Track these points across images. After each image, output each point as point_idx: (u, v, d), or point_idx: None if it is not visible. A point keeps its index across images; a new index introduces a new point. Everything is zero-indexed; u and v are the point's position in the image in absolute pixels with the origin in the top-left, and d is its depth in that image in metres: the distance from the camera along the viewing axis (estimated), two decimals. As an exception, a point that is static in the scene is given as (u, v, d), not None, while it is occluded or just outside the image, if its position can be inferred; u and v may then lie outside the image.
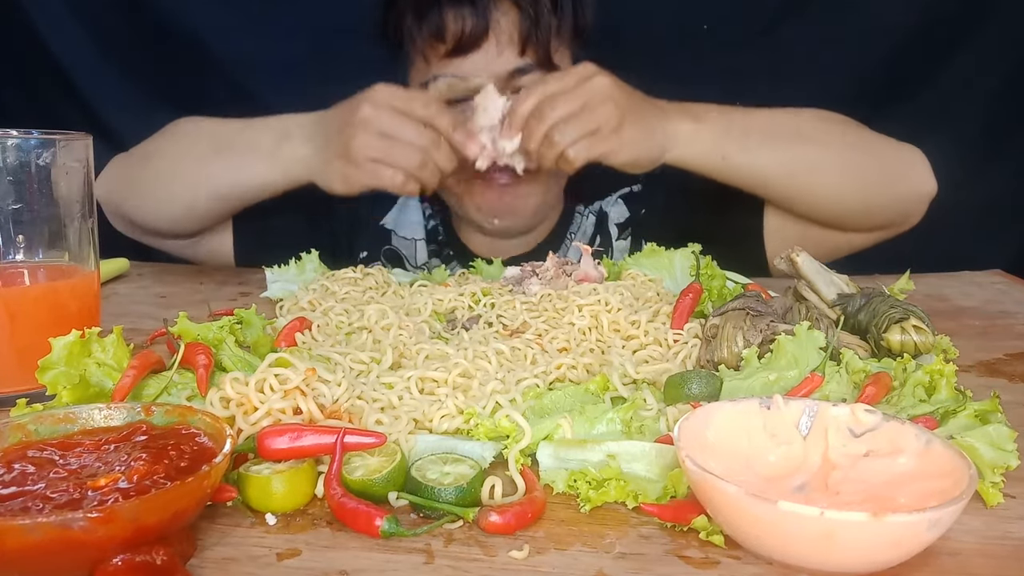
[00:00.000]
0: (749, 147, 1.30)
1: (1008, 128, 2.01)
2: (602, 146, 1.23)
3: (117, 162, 1.48)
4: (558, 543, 0.61)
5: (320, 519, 0.64)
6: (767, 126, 1.34)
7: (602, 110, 1.22)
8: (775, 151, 1.33)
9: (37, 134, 0.86)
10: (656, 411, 0.78)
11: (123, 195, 1.46)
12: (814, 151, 1.34)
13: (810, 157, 1.34)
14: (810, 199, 1.36)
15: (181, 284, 1.42)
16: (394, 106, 1.23)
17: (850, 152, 1.37)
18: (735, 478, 0.57)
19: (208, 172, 1.38)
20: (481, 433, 0.72)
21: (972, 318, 1.22)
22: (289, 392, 0.74)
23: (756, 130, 1.32)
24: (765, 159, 1.32)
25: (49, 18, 2.06)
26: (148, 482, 0.57)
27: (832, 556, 0.55)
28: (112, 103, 2.11)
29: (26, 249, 0.88)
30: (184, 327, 0.90)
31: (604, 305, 1.01)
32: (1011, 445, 0.67)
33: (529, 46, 1.38)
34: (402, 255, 1.64)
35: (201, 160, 1.38)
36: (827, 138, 1.36)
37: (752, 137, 1.31)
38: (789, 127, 1.36)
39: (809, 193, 1.35)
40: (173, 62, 2.08)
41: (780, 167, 1.33)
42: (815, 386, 0.77)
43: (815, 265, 1.01)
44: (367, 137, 1.22)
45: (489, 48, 1.37)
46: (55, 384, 0.77)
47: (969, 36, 1.96)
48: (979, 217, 1.91)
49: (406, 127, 1.23)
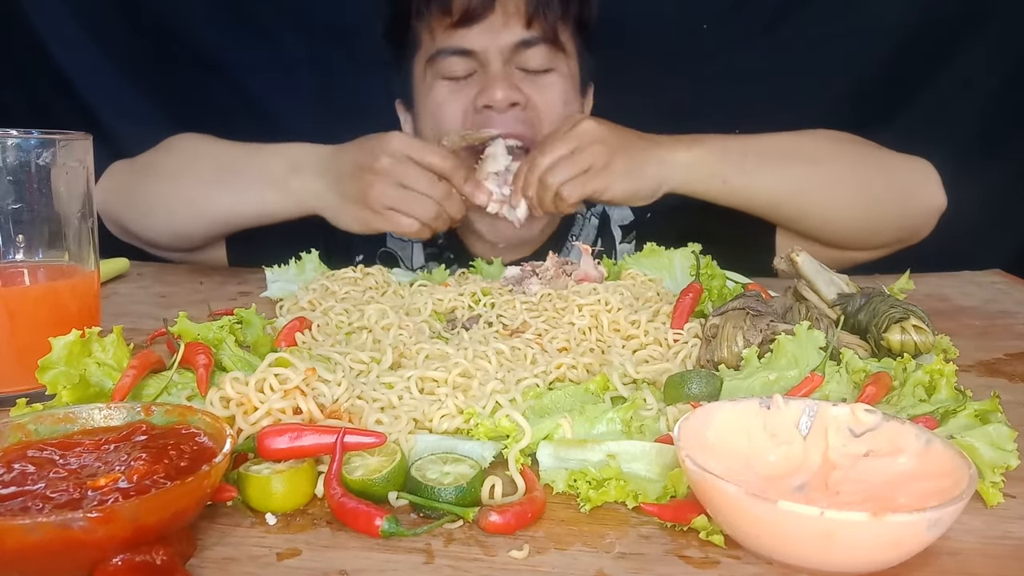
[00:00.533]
0: (747, 169, 1.32)
1: (1008, 128, 2.01)
2: (594, 183, 1.28)
3: (115, 171, 1.49)
4: (558, 543, 0.61)
5: (320, 519, 0.64)
6: (765, 148, 1.36)
7: (591, 150, 1.28)
8: (775, 172, 1.34)
9: (37, 134, 0.86)
10: (656, 411, 0.78)
11: (120, 207, 1.47)
12: (817, 170, 1.35)
13: (813, 176, 1.35)
14: (816, 218, 1.36)
15: (181, 284, 1.42)
16: (411, 157, 1.29)
17: (856, 169, 1.37)
18: (735, 478, 0.57)
19: (212, 197, 1.39)
20: (481, 433, 0.72)
21: (972, 318, 1.22)
22: (289, 392, 0.74)
23: (754, 152, 1.34)
24: (765, 180, 1.33)
25: (49, 19, 2.06)
26: (148, 482, 0.57)
27: (832, 556, 0.55)
28: (111, 104, 2.11)
29: (26, 249, 0.88)
30: (184, 327, 0.90)
31: (604, 305, 1.01)
32: (1011, 445, 0.67)
33: (536, 20, 1.39)
34: (398, 256, 1.64)
35: (203, 183, 1.40)
36: (830, 156, 1.37)
37: (750, 159, 1.33)
38: (788, 148, 1.37)
39: (815, 212, 1.36)
40: (173, 63, 2.08)
41: (782, 187, 1.34)
42: (815, 386, 0.77)
43: (815, 265, 1.01)
44: (385, 187, 1.28)
45: (495, 20, 1.38)
46: (55, 384, 0.77)
47: (969, 36, 1.95)
48: (979, 217, 1.91)
49: (422, 179, 1.29)
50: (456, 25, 1.39)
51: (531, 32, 1.39)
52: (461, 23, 1.38)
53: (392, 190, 1.28)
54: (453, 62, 1.40)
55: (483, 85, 1.39)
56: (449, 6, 1.38)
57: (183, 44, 2.07)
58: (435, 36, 1.42)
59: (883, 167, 1.40)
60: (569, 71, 1.47)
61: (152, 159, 1.47)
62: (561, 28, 1.43)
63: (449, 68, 1.41)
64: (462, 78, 1.42)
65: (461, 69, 1.41)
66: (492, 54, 1.39)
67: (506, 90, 1.37)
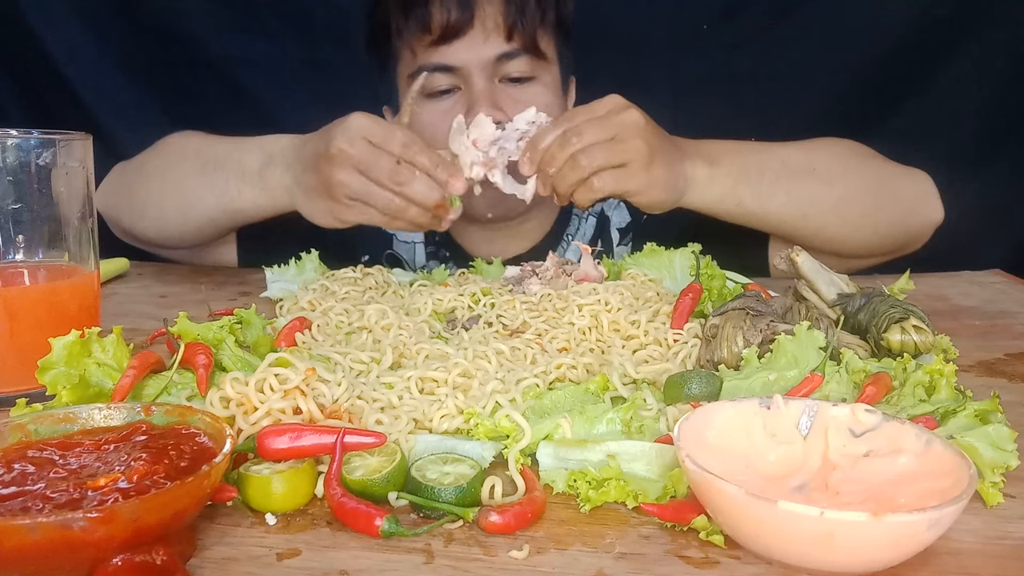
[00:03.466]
0: (762, 192, 1.29)
1: (1007, 128, 2.01)
2: (631, 182, 1.17)
3: (116, 173, 1.49)
4: (558, 543, 0.61)
5: (320, 519, 0.64)
6: (782, 166, 1.32)
7: (634, 144, 1.16)
8: (790, 193, 1.31)
9: (37, 134, 0.86)
10: (656, 411, 0.78)
11: (120, 209, 1.47)
12: (830, 192, 1.34)
13: (824, 197, 1.33)
14: (822, 237, 1.35)
15: (181, 284, 1.42)
16: (369, 140, 1.15)
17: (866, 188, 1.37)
18: (735, 478, 0.57)
19: (196, 194, 1.37)
20: (481, 433, 0.72)
21: (972, 318, 1.22)
22: (289, 392, 0.74)
23: (771, 171, 1.30)
24: (779, 202, 1.31)
25: (48, 19, 2.06)
26: (148, 482, 0.57)
27: (832, 556, 0.55)
28: (111, 104, 2.11)
29: (26, 249, 0.88)
30: (184, 327, 0.90)
31: (604, 305, 1.01)
32: (1011, 445, 0.67)
33: (515, 32, 1.38)
34: (403, 259, 1.64)
35: (188, 180, 1.37)
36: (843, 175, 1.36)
37: (766, 178, 1.29)
38: (804, 164, 1.34)
39: (821, 232, 1.35)
40: (172, 63, 2.09)
41: (795, 209, 1.32)
42: (815, 386, 0.77)
43: (815, 265, 1.01)
44: (344, 174, 1.15)
45: (475, 35, 1.37)
46: (55, 384, 0.77)
47: (968, 36, 1.95)
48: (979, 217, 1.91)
49: (381, 164, 1.15)
50: (437, 42, 1.37)
51: (512, 44, 1.38)
52: (442, 40, 1.37)
53: (352, 178, 1.15)
54: (436, 78, 1.38)
55: (467, 104, 1.37)
56: (428, 24, 1.36)
57: (183, 45, 2.07)
58: (416, 53, 1.41)
59: (889, 183, 1.40)
60: (551, 78, 1.46)
61: (144, 159, 1.47)
62: (540, 34, 1.41)
63: (432, 84, 1.39)
64: (445, 92, 1.40)
65: (444, 83, 1.39)
66: (474, 68, 1.37)
67: (490, 110, 1.33)
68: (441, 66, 1.38)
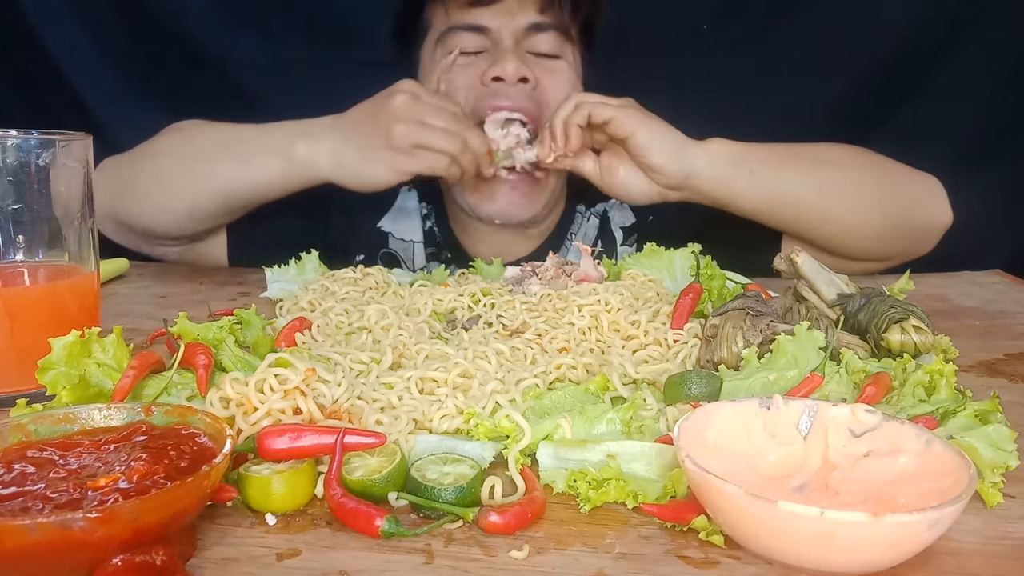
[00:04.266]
0: (772, 163, 1.33)
1: (1008, 128, 2.01)
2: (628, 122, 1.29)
3: (106, 166, 1.47)
4: (558, 543, 0.61)
5: (320, 519, 0.64)
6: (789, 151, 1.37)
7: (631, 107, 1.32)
8: (802, 170, 1.35)
9: (37, 134, 0.86)
10: (656, 411, 0.78)
11: (117, 197, 1.43)
12: (842, 175, 1.36)
13: (838, 180, 1.36)
14: (838, 224, 1.37)
15: (181, 284, 1.42)
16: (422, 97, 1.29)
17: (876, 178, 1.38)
18: (735, 478, 0.57)
19: (215, 170, 1.38)
20: (481, 433, 0.72)
21: (972, 318, 1.22)
22: (289, 392, 0.74)
23: (778, 153, 1.36)
24: (792, 177, 1.34)
25: (48, 19, 2.06)
26: (148, 482, 0.57)
27: (832, 556, 0.55)
28: (111, 104, 2.11)
29: (26, 249, 0.88)
30: (184, 327, 0.90)
31: (604, 305, 1.01)
32: (1011, 445, 0.67)
33: (549, 8, 1.43)
34: (400, 258, 1.64)
35: (207, 157, 1.39)
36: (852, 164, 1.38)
37: (775, 155, 1.35)
38: (811, 153, 1.39)
39: (837, 218, 1.36)
40: (171, 61, 2.08)
41: (809, 187, 1.35)
42: (815, 386, 0.77)
43: (815, 265, 1.01)
44: (406, 125, 1.27)
45: (510, 2, 1.42)
46: (55, 384, 0.77)
47: (969, 36, 1.96)
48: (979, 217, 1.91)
49: (440, 112, 1.30)
50: (472, 4, 1.42)
51: (544, 17, 1.44)
52: (477, 2, 1.42)
53: (414, 127, 1.28)
54: (465, 37, 1.43)
55: (494, 59, 1.41)
56: None
57: (183, 45, 2.07)
58: (450, 14, 1.45)
59: (897, 180, 1.41)
60: (575, 62, 1.51)
61: (149, 144, 1.46)
62: (570, 22, 1.47)
63: (461, 43, 1.43)
64: (472, 53, 1.44)
65: (472, 45, 1.44)
66: (505, 33, 1.42)
67: (517, 64, 1.40)
68: (473, 26, 1.43)
